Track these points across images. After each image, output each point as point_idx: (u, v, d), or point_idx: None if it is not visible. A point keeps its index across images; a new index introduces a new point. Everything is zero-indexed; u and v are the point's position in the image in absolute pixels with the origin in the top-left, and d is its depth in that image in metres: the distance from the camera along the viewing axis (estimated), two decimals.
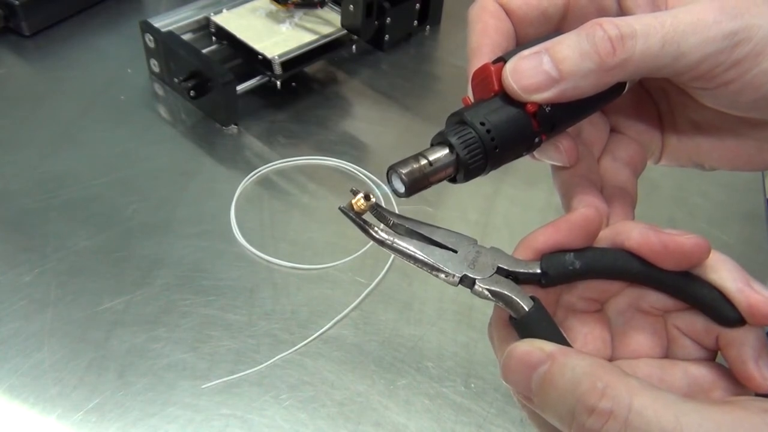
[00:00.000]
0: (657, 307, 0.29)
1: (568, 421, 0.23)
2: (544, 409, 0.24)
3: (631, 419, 0.22)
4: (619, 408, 0.22)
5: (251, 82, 0.65)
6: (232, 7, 0.70)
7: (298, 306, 0.50)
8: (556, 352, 0.24)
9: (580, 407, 0.23)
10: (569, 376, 0.23)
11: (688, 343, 0.28)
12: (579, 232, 0.28)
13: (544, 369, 0.24)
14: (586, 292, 0.30)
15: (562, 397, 0.23)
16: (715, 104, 0.28)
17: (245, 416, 0.43)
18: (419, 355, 0.48)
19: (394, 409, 0.45)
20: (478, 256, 0.29)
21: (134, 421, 0.42)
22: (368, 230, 0.29)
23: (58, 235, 0.53)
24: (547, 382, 0.24)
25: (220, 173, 0.60)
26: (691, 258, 0.26)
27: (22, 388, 0.43)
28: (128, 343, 0.46)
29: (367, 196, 0.28)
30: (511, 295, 0.27)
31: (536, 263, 0.28)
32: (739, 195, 0.54)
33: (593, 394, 0.22)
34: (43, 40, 0.72)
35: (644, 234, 0.27)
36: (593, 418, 0.22)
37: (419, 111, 0.70)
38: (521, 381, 0.25)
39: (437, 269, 0.29)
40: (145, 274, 0.51)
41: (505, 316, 0.28)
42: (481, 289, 0.28)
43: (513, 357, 0.25)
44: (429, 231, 0.29)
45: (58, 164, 0.59)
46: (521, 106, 0.27)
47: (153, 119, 0.65)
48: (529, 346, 0.25)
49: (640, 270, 0.27)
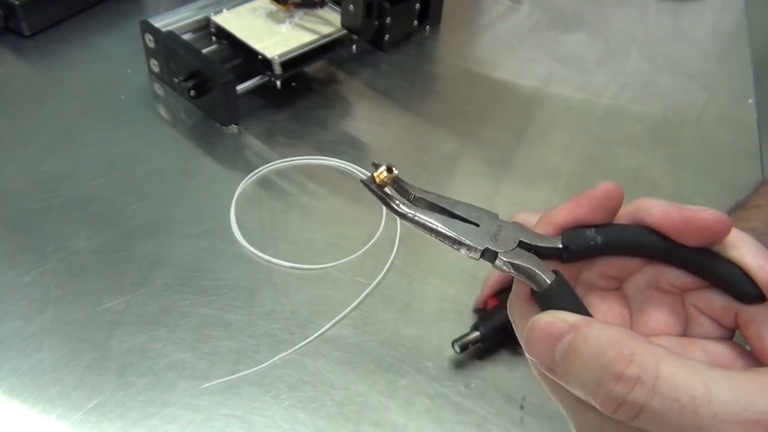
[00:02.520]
0: (676, 285, 0.29)
1: (594, 390, 0.23)
2: (568, 380, 0.24)
3: (659, 386, 0.22)
4: (646, 374, 0.22)
5: (251, 82, 0.65)
6: (232, 7, 0.70)
7: (298, 306, 0.50)
8: (580, 323, 0.24)
9: (607, 375, 0.22)
10: (594, 345, 0.23)
11: (707, 322, 0.28)
12: (600, 208, 0.28)
13: (568, 339, 0.24)
14: (606, 270, 0.30)
15: (587, 366, 0.23)
16: None
17: (245, 416, 0.43)
18: (419, 355, 0.48)
19: (394, 409, 0.45)
20: (499, 230, 0.29)
21: (134, 421, 0.42)
22: (390, 203, 0.28)
23: (58, 235, 0.53)
24: (571, 352, 0.24)
25: (220, 173, 0.60)
26: (712, 233, 0.26)
27: (22, 388, 0.43)
28: (128, 343, 0.46)
29: (389, 168, 0.28)
30: (533, 268, 0.27)
31: (558, 238, 0.28)
32: (739, 195, 0.54)
33: (620, 361, 0.22)
34: (42, 40, 0.72)
35: (665, 209, 0.27)
36: (620, 385, 0.22)
37: (419, 111, 0.70)
38: (544, 352, 0.24)
39: (459, 242, 0.28)
40: (145, 274, 0.51)
41: (526, 291, 0.28)
42: (503, 263, 0.28)
43: (536, 328, 0.25)
44: (450, 205, 0.29)
45: (58, 164, 0.59)
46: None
47: (153, 119, 0.65)
48: (552, 318, 0.25)
49: (661, 246, 0.27)
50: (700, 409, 0.21)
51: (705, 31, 0.88)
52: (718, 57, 0.84)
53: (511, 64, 0.77)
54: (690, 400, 0.21)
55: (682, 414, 0.21)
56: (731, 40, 0.87)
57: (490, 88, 0.74)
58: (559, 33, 0.84)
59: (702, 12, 0.91)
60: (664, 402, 0.22)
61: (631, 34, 0.85)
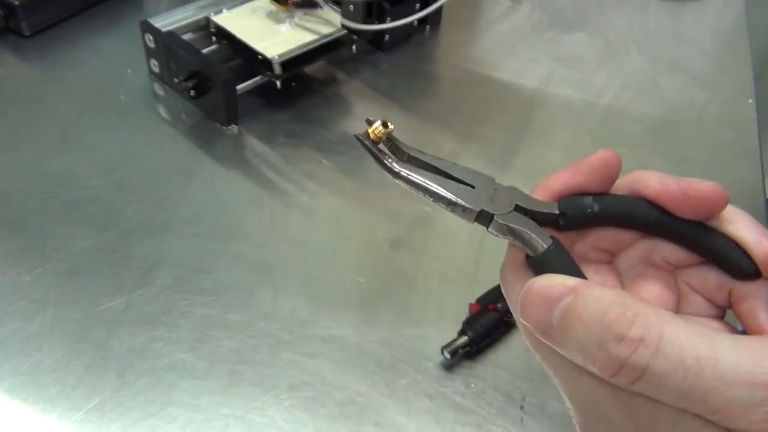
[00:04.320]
0: (669, 261, 0.28)
1: (593, 354, 0.22)
2: (565, 345, 0.23)
3: (663, 346, 0.21)
4: (650, 336, 0.21)
5: (251, 82, 0.65)
6: (232, 7, 0.70)
7: (298, 306, 0.50)
8: (579, 285, 0.23)
9: (608, 336, 0.22)
10: (594, 307, 0.22)
11: (699, 300, 0.28)
12: (597, 175, 0.28)
13: (566, 302, 0.23)
14: (600, 242, 0.29)
15: (587, 329, 0.22)
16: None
17: (245, 416, 0.43)
18: (419, 355, 0.48)
19: (394, 409, 0.45)
20: (496, 193, 0.28)
21: (134, 421, 0.42)
22: (383, 160, 0.27)
23: (58, 235, 0.53)
24: (570, 315, 0.23)
25: (220, 173, 0.60)
26: (709, 206, 0.26)
27: (22, 388, 0.43)
28: (128, 343, 0.46)
29: (384, 123, 0.27)
30: (530, 232, 0.26)
31: (554, 205, 0.28)
32: (739, 195, 0.54)
33: (622, 322, 0.21)
34: (42, 40, 0.72)
35: (663, 181, 0.27)
36: (622, 347, 0.21)
37: (419, 111, 0.70)
38: (541, 316, 0.24)
39: (453, 204, 0.27)
40: (145, 274, 0.51)
41: (519, 257, 0.27)
42: (500, 225, 0.27)
43: (533, 291, 0.24)
44: (446, 166, 0.28)
45: (58, 164, 0.59)
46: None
47: (153, 119, 0.65)
48: (550, 280, 0.24)
49: (657, 218, 0.27)
50: (705, 371, 0.21)
51: (705, 31, 0.88)
52: (718, 57, 0.84)
53: (511, 64, 0.77)
54: (695, 361, 0.21)
55: (686, 376, 0.21)
56: (731, 40, 0.87)
57: (490, 88, 0.74)
58: (559, 33, 0.84)
59: (702, 12, 0.91)
60: (667, 363, 0.21)
61: (631, 34, 0.85)
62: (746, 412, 0.20)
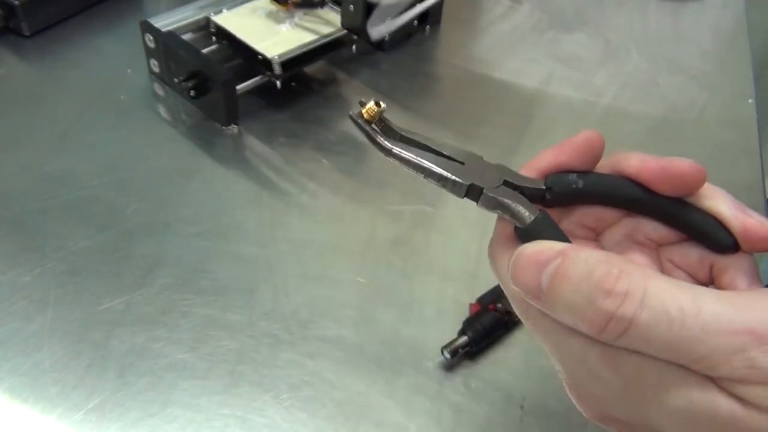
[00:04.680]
0: (652, 238, 0.29)
1: (582, 311, 0.23)
2: (555, 306, 0.24)
3: (647, 300, 0.22)
4: (635, 289, 0.22)
5: (251, 82, 0.65)
6: (232, 7, 0.70)
7: (298, 306, 0.50)
8: (567, 248, 0.24)
9: (596, 291, 0.22)
10: (582, 267, 0.23)
11: (682, 276, 0.29)
12: (582, 153, 0.29)
13: (555, 264, 0.24)
14: (585, 219, 0.30)
15: (575, 288, 0.23)
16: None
17: (245, 416, 0.43)
18: (419, 355, 0.48)
19: (394, 409, 0.45)
20: (485, 169, 0.29)
21: (134, 421, 0.42)
22: (375, 138, 0.29)
23: (58, 235, 0.53)
24: (559, 276, 0.24)
25: (220, 173, 0.60)
26: (688, 181, 0.27)
27: (22, 388, 0.43)
28: (128, 343, 0.46)
29: (377, 102, 0.29)
30: (519, 204, 0.28)
31: (541, 181, 0.29)
32: (739, 195, 0.54)
33: (608, 278, 0.22)
34: (42, 40, 0.72)
35: (643, 159, 0.28)
36: (609, 300, 0.22)
37: (419, 111, 0.70)
38: (531, 280, 0.24)
39: (444, 179, 0.28)
40: (145, 274, 0.51)
41: (508, 231, 0.28)
42: (489, 198, 0.28)
43: (523, 256, 0.25)
44: (437, 145, 0.30)
45: (58, 164, 0.59)
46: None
47: (153, 119, 0.65)
48: (539, 246, 0.25)
49: (639, 196, 0.28)
50: (688, 321, 0.21)
51: (705, 31, 0.88)
52: (718, 57, 0.84)
53: (511, 64, 0.77)
54: (679, 312, 0.22)
55: (670, 327, 0.21)
56: (731, 40, 0.87)
57: (490, 88, 0.74)
58: (559, 33, 0.84)
59: (702, 12, 0.91)
60: (652, 315, 0.22)
61: (631, 34, 0.85)
62: (727, 360, 0.21)
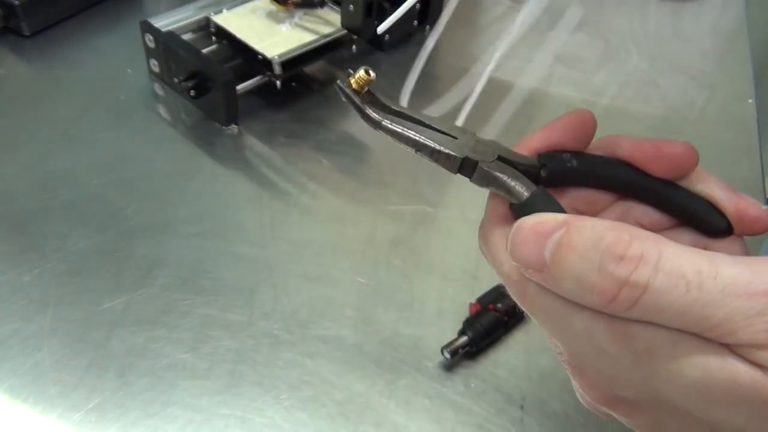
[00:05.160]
0: (644, 223, 0.29)
1: (590, 281, 0.22)
2: (560, 278, 0.23)
3: (663, 263, 0.21)
4: (649, 252, 0.21)
5: (251, 82, 0.65)
6: (232, 7, 0.70)
7: (298, 306, 0.50)
8: (571, 218, 0.23)
9: (607, 257, 0.21)
10: (589, 235, 0.22)
11: None
12: (574, 132, 0.28)
13: (559, 234, 0.23)
14: (576, 203, 0.30)
15: (583, 257, 0.22)
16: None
17: (245, 416, 0.43)
18: (419, 355, 0.48)
19: (394, 409, 0.45)
20: (478, 144, 0.28)
21: (134, 421, 0.42)
22: (364, 110, 0.28)
23: (58, 235, 0.53)
24: (564, 245, 0.22)
25: (220, 173, 0.60)
26: (681, 162, 0.27)
27: (22, 388, 0.43)
28: (128, 343, 0.46)
29: (367, 71, 0.28)
30: (515, 180, 0.26)
31: (535, 158, 0.28)
32: None
33: (620, 243, 0.21)
34: (42, 40, 0.72)
35: (636, 141, 0.28)
36: (622, 265, 0.21)
37: (419, 111, 0.69)
38: (533, 253, 0.23)
39: (437, 152, 0.27)
40: (145, 274, 0.51)
41: (501, 209, 0.27)
42: (484, 172, 0.26)
43: (523, 228, 0.24)
44: (428, 120, 0.28)
45: (58, 164, 0.59)
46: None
47: (153, 119, 0.65)
48: (540, 217, 0.24)
49: (632, 178, 0.28)
50: (706, 284, 0.20)
51: (705, 31, 0.88)
52: (718, 57, 0.84)
53: (511, 64, 0.77)
54: (696, 275, 0.21)
55: (688, 290, 0.20)
56: (731, 40, 0.87)
57: (490, 88, 0.74)
58: (559, 33, 0.83)
59: (702, 12, 0.91)
60: (668, 279, 0.21)
61: (631, 34, 0.85)
62: (748, 323, 0.20)
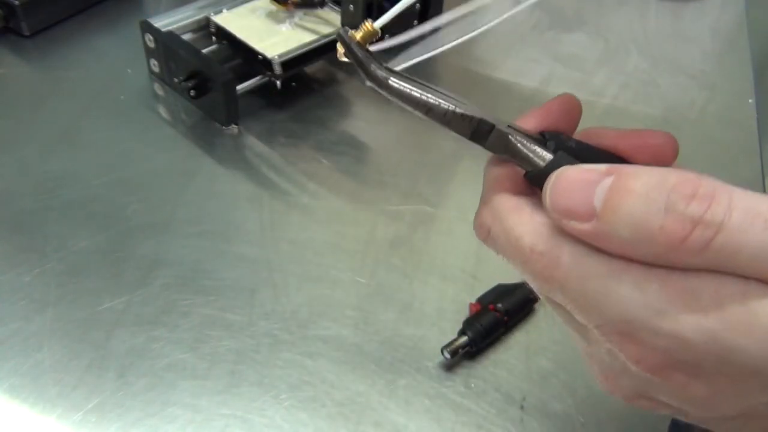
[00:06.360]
0: None
1: (655, 225, 0.20)
2: (615, 225, 0.21)
3: (736, 201, 0.20)
4: (720, 192, 0.20)
5: (251, 82, 0.65)
6: (232, 7, 0.70)
7: (298, 306, 0.50)
8: (617, 167, 0.21)
9: (675, 196, 0.20)
10: (648, 178, 0.20)
11: None
12: (562, 115, 0.28)
13: (610, 179, 0.21)
14: None
15: (644, 199, 0.20)
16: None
17: (245, 416, 0.43)
18: (419, 355, 0.48)
19: (394, 409, 0.45)
20: (487, 113, 0.26)
21: (134, 421, 0.42)
22: (368, 66, 0.25)
23: (58, 235, 0.53)
24: (619, 189, 0.21)
25: (220, 173, 0.60)
26: (664, 151, 0.27)
27: (22, 388, 0.43)
28: (128, 343, 0.46)
29: (371, 23, 0.25)
30: (534, 144, 0.24)
31: (537, 134, 0.26)
32: None
33: (689, 182, 0.20)
34: (42, 40, 0.72)
35: (620, 132, 0.28)
36: (694, 204, 0.19)
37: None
38: (580, 200, 0.21)
39: (450, 112, 0.24)
40: (145, 274, 0.51)
41: (513, 179, 0.25)
42: (501, 135, 0.24)
43: (565, 177, 0.22)
44: (433, 86, 0.26)
45: (58, 164, 0.59)
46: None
47: (153, 119, 0.65)
48: (582, 167, 0.22)
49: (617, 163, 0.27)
50: None
51: (705, 31, 0.88)
52: (718, 57, 0.84)
53: (511, 64, 0.77)
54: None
55: (766, 227, 0.19)
56: (731, 40, 0.87)
57: (490, 88, 0.74)
58: (559, 33, 0.84)
59: (702, 12, 0.91)
60: (744, 216, 0.19)
61: (631, 34, 0.85)
62: None
